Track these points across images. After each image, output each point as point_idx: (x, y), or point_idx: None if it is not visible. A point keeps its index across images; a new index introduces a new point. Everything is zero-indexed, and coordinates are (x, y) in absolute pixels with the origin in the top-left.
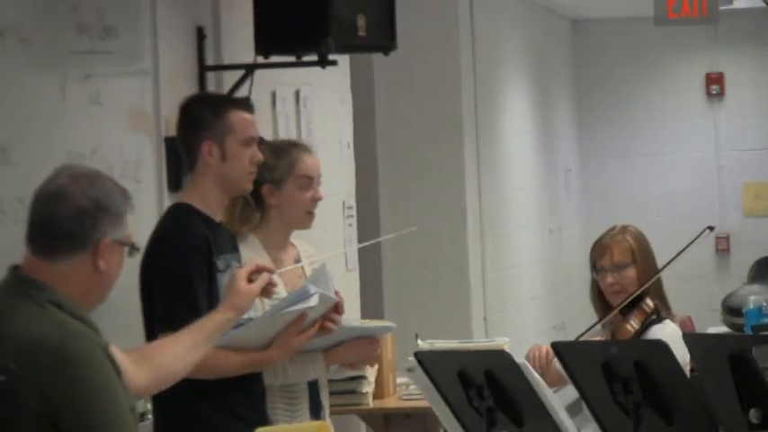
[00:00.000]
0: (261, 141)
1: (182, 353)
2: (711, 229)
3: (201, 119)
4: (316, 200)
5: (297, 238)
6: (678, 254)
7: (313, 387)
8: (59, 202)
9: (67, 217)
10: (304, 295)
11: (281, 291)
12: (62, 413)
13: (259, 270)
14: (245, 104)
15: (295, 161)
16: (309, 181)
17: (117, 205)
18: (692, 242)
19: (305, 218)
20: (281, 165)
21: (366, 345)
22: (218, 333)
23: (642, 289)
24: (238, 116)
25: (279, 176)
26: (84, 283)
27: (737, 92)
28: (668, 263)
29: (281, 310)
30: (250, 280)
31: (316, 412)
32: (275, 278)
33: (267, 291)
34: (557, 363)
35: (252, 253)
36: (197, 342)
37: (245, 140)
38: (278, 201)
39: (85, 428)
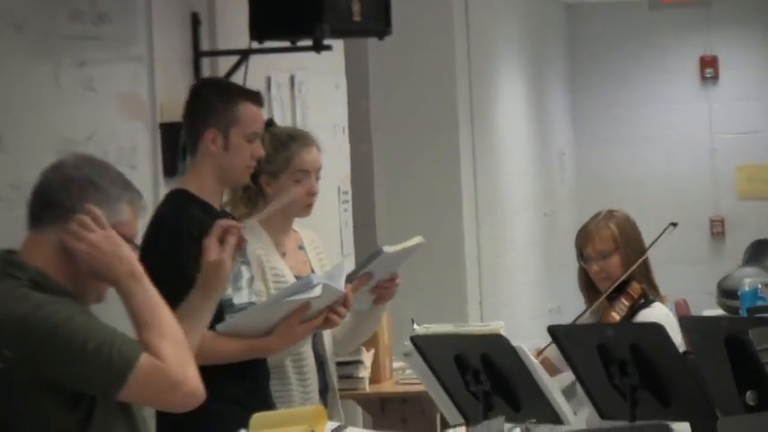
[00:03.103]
0: (270, 123)
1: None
2: (674, 225)
3: (210, 105)
4: (311, 194)
5: (301, 225)
6: (647, 250)
7: (320, 366)
8: (53, 172)
9: (56, 184)
10: (308, 285)
11: (288, 276)
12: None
13: (226, 230)
14: (256, 98)
15: (292, 156)
16: (306, 175)
17: (111, 188)
18: (655, 240)
19: (302, 209)
20: (279, 158)
21: (390, 284)
22: (199, 312)
23: (623, 278)
24: (247, 109)
25: (275, 169)
26: (64, 266)
27: (731, 75)
28: (636, 264)
29: (283, 298)
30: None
31: (323, 393)
32: (281, 265)
33: (236, 252)
34: (549, 352)
35: (255, 238)
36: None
37: (249, 134)
38: (275, 191)
39: (85, 368)
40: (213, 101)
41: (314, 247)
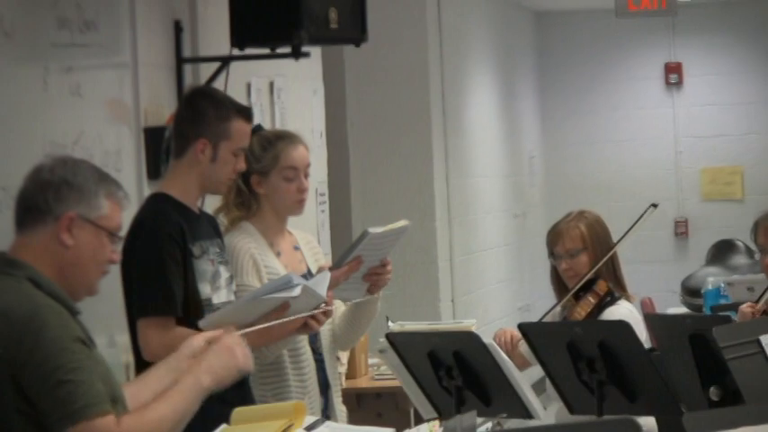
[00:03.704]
0: (259, 128)
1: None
2: (655, 206)
3: (204, 117)
4: (302, 190)
5: (291, 227)
6: (626, 232)
7: (319, 364)
8: (31, 177)
9: (33, 189)
10: (287, 285)
11: (281, 273)
12: (26, 377)
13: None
14: (248, 114)
15: (279, 154)
16: (295, 172)
17: (86, 184)
18: (637, 220)
19: (294, 206)
20: (267, 157)
21: (381, 270)
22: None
23: (591, 273)
24: (239, 125)
25: (264, 168)
26: (52, 259)
27: (695, 81)
28: (617, 242)
29: (262, 294)
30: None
31: (325, 390)
32: (276, 263)
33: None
34: (521, 346)
35: (248, 237)
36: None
37: (237, 150)
38: (266, 191)
39: (49, 389)
40: (207, 113)
41: (310, 247)
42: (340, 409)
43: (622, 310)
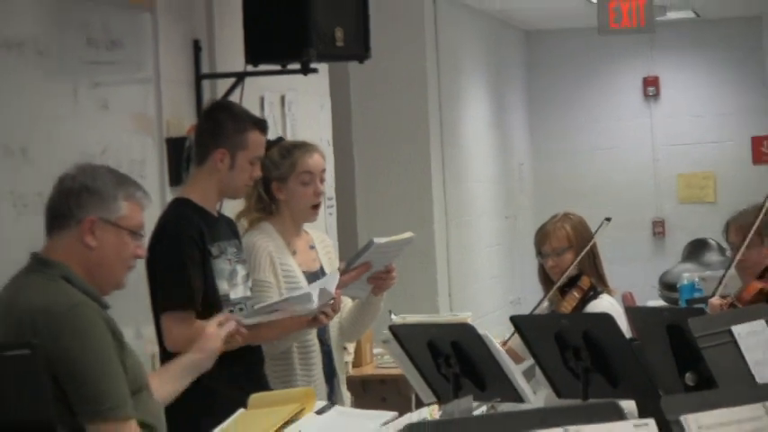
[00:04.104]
0: (280, 140)
1: (158, 388)
2: (608, 220)
3: (223, 128)
4: (318, 194)
5: (309, 227)
6: (590, 244)
7: (327, 354)
8: (56, 186)
9: (57, 197)
10: (307, 300)
11: (297, 272)
12: (65, 372)
13: (227, 319)
14: (262, 126)
15: (296, 161)
16: (311, 176)
17: (104, 188)
18: (595, 232)
19: (309, 212)
20: (285, 164)
21: (386, 276)
22: (188, 371)
23: (571, 272)
24: (255, 136)
25: (283, 175)
26: (79, 259)
27: (671, 93)
28: (583, 252)
29: (289, 308)
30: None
31: (330, 378)
32: (291, 262)
33: (232, 336)
34: (512, 343)
35: (267, 238)
36: (164, 380)
37: (253, 158)
38: (285, 196)
39: (83, 385)
40: (226, 125)
41: (324, 246)
42: (345, 395)
43: (605, 304)
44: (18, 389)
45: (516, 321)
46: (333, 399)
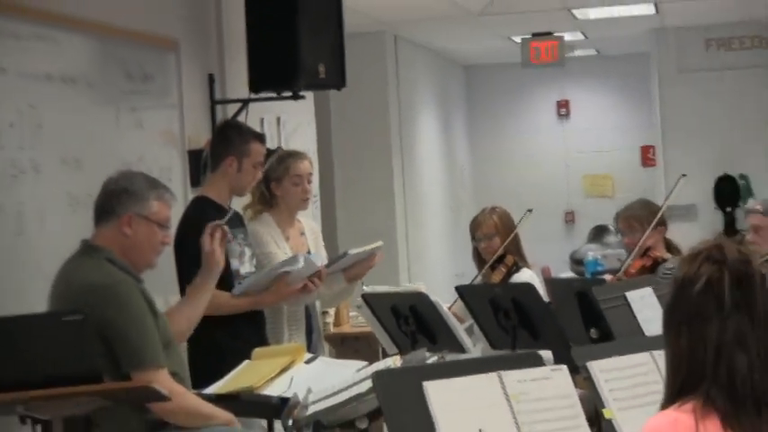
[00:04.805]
0: (278, 149)
1: (177, 316)
2: (530, 211)
3: (232, 141)
4: (305, 192)
5: (302, 216)
6: (516, 227)
7: (308, 317)
8: (102, 188)
9: (103, 196)
10: (294, 261)
11: (289, 254)
12: (110, 333)
13: (213, 229)
14: (262, 139)
15: (289, 166)
16: (300, 179)
17: (140, 191)
18: (519, 221)
19: (300, 203)
20: (280, 168)
21: (365, 263)
22: (201, 292)
23: (500, 252)
24: (256, 146)
25: (279, 176)
26: (119, 245)
27: (579, 113)
28: (511, 236)
29: (277, 269)
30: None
31: (309, 334)
32: (286, 246)
33: (222, 242)
34: (455, 307)
35: (266, 228)
36: (181, 309)
37: (255, 163)
38: (281, 193)
39: (124, 343)
40: (234, 138)
41: (312, 232)
42: (322, 346)
43: (526, 276)
44: (72, 346)
45: (459, 290)
46: (311, 350)
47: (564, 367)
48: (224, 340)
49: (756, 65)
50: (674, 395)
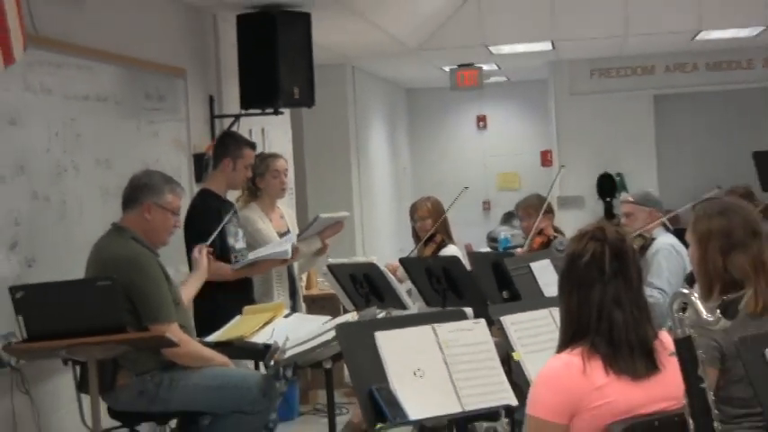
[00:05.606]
0: (261, 153)
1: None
2: (467, 188)
3: (229, 146)
4: (282, 183)
5: (281, 203)
6: (451, 204)
7: (292, 281)
8: (129, 182)
9: (129, 188)
10: (282, 247)
11: (272, 233)
12: (133, 295)
13: (200, 250)
14: (253, 145)
15: (270, 164)
16: (278, 173)
17: (158, 185)
18: (457, 197)
19: (279, 193)
20: (262, 166)
21: (335, 227)
22: (195, 280)
23: (431, 231)
24: (248, 151)
25: (262, 172)
26: (141, 227)
27: (493, 125)
28: (446, 211)
29: (270, 252)
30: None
31: (293, 295)
32: (269, 226)
33: (205, 255)
34: (399, 269)
35: (254, 214)
36: (185, 289)
37: (247, 165)
38: (264, 185)
39: (144, 302)
40: (231, 144)
41: (289, 216)
42: (301, 305)
43: (451, 250)
44: (104, 305)
45: (403, 262)
46: (295, 308)
47: (482, 320)
48: (221, 300)
49: (629, 89)
50: (566, 342)
